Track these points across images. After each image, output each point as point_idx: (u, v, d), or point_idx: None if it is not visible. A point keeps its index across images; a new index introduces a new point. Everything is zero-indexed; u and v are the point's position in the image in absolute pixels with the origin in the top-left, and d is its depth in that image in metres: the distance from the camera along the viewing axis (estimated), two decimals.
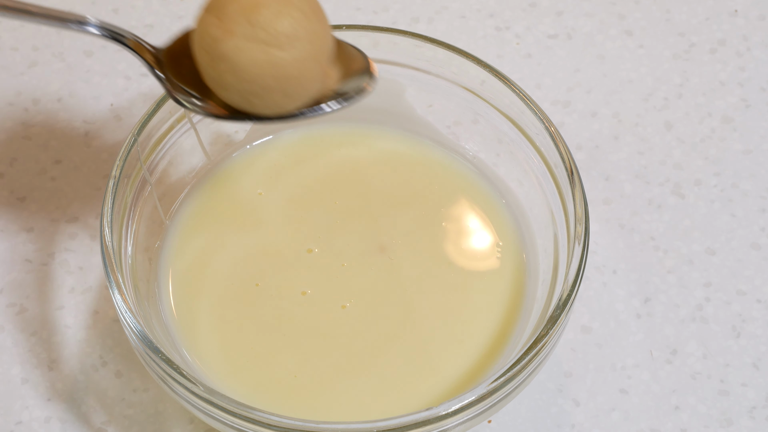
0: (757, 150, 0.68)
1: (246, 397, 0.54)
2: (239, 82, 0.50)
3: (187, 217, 0.61)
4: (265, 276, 0.59)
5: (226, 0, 0.50)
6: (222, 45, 0.49)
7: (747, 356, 0.61)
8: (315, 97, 0.52)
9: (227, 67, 0.50)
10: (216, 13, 0.50)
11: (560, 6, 0.74)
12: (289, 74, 0.50)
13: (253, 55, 0.49)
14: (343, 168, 0.63)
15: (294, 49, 0.50)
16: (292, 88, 0.51)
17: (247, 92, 0.51)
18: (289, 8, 0.50)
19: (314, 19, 0.51)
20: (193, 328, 0.57)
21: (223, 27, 0.49)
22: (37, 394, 0.59)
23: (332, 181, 0.62)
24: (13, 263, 0.63)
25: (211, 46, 0.50)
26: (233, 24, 0.49)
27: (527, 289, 0.59)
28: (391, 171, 0.63)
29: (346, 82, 0.54)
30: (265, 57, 0.49)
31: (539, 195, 0.59)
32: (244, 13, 0.49)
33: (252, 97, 0.51)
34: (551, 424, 0.59)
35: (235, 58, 0.49)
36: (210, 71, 0.51)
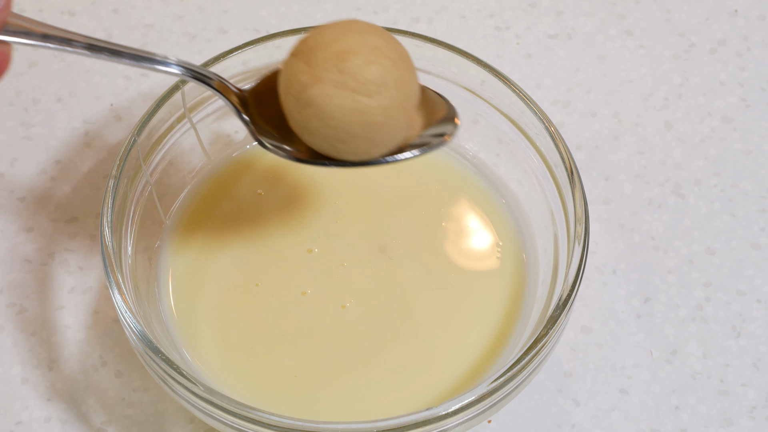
0: (757, 150, 0.68)
1: (246, 397, 0.54)
2: (326, 128, 0.50)
3: (187, 217, 0.61)
4: (265, 276, 0.59)
5: (315, 46, 0.50)
6: (310, 91, 0.50)
7: (747, 356, 0.61)
8: (399, 144, 0.52)
9: (315, 113, 0.50)
10: (305, 59, 0.50)
11: (560, 6, 0.74)
12: (376, 121, 0.50)
13: (341, 102, 0.49)
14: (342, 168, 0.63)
15: (382, 97, 0.50)
16: (379, 135, 0.51)
17: (333, 138, 0.51)
18: (377, 56, 0.50)
19: (402, 67, 0.51)
20: (193, 328, 0.57)
21: (312, 73, 0.50)
22: (37, 394, 0.59)
23: (332, 181, 0.62)
24: (13, 263, 0.63)
25: (299, 92, 0.50)
26: (322, 70, 0.49)
27: (527, 289, 0.59)
28: (391, 171, 0.63)
29: (428, 128, 0.53)
30: (353, 104, 0.50)
31: (539, 195, 0.59)
32: (334, 60, 0.49)
33: (338, 143, 0.51)
34: (551, 424, 0.59)
35: (323, 105, 0.50)
36: (296, 116, 0.51)
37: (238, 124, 0.64)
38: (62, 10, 0.72)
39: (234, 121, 0.63)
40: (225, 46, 0.67)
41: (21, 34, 0.45)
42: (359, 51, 0.50)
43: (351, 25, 0.51)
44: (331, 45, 0.50)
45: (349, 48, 0.49)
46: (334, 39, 0.50)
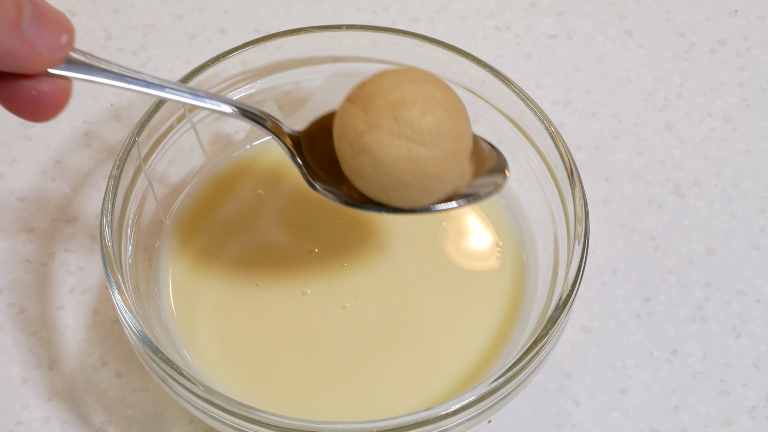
0: (757, 150, 0.68)
1: (246, 397, 0.54)
2: (379, 176, 0.50)
3: (187, 217, 0.61)
4: (265, 276, 0.59)
5: (372, 93, 0.50)
6: (366, 138, 0.50)
7: (747, 356, 0.61)
8: (449, 193, 0.53)
9: (369, 160, 0.50)
10: (362, 106, 0.50)
11: (560, 6, 0.74)
12: (430, 171, 0.50)
13: (396, 151, 0.50)
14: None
15: (436, 147, 0.50)
16: (431, 184, 0.51)
17: (386, 186, 0.51)
18: (434, 106, 0.50)
19: (457, 118, 0.51)
20: (193, 328, 0.57)
21: (369, 121, 0.50)
22: (37, 394, 0.59)
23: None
24: (13, 263, 0.63)
25: (354, 139, 0.50)
26: (379, 119, 0.50)
27: (527, 289, 0.59)
28: None
29: (478, 177, 0.54)
30: (408, 153, 0.50)
31: (539, 195, 0.59)
32: (391, 108, 0.50)
33: (390, 191, 0.51)
34: (551, 424, 0.59)
35: (378, 153, 0.50)
36: (350, 162, 0.51)
37: (238, 125, 0.64)
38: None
39: (234, 121, 0.63)
40: (225, 46, 0.67)
41: (82, 69, 0.45)
42: (416, 100, 0.50)
43: (409, 73, 0.51)
44: (388, 93, 0.50)
45: (406, 97, 0.50)
46: (391, 87, 0.50)
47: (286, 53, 0.61)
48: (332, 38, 0.61)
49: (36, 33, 0.41)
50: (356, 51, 0.62)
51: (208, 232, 0.60)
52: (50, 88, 0.42)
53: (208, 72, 0.59)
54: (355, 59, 0.62)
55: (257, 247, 0.60)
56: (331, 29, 0.61)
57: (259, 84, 0.62)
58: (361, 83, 0.52)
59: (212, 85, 0.60)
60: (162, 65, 0.70)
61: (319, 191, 0.53)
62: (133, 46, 0.71)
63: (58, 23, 0.41)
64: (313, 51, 0.62)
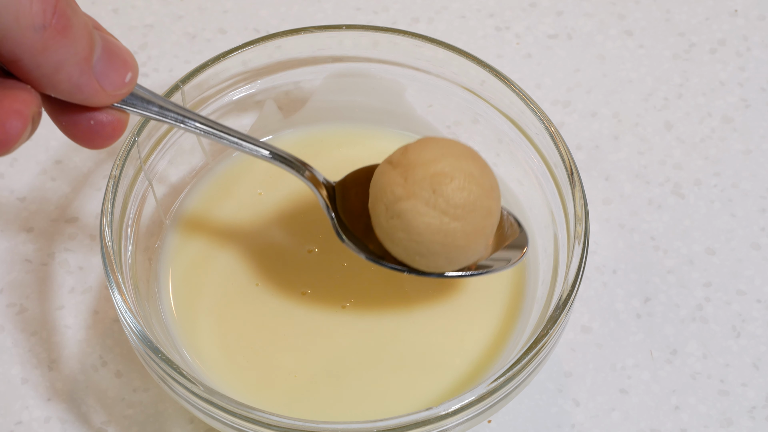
0: (757, 150, 0.68)
1: (246, 397, 0.54)
2: (409, 241, 0.53)
3: (187, 217, 0.61)
4: (265, 276, 0.59)
5: (414, 162, 0.52)
6: (403, 204, 0.52)
7: (747, 356, 0.61)
8: (469, 264, 0.55)
9: (402, 225, 0.52)
10: (402, 173, 0.52)
11: (560, 6, 0.74)
12: (458, 244, 0.53)
13: (429, 221, 0.52)
14: (343, 168, 0.63)
15: (467, 223, 0.52)
16: (457, 256, 0.53)
17: (414, 251, 0.53)
18: (471, 183, 0.52)
19: (491, 197, 0.53)
20: (193, 328, 0.57)
21: (407, 188, 0.52)
22: (37, 394, 0.59)
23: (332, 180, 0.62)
24: (13, 263, 0.63)
25: (391, 202, 0.52)
26: (418, 188, 0.52)
27: (527, 289, 0.59)
28: None
29: (498, 250, 0.56)
30: (440, 224, 0.52)
31: (539, 195, 0.59)
32: (431, 180, 0.52)
33: (417, 256, 0.53)
34: (551, 424, 0.59)
35: (412, 219, 0.52)
36: (383, 223, 0.53)
37: (238, 124, 0.64)
38: None
39: (234, 121, 0.63)
40: (225, 46, 0.67)
41: (140, 104, 0.47)
42: (455, 175, 0.52)
43: (451, 147, 0.53)
44: (430, 165, 0.52)
45: (446, 171, 0.52)
46: (433, 160, 0.52)
47: (286, 53, 0.61)
48: (332, 38, 0.61)
49: (104, 70, 0.42)
50: (356, 51, 0.62)
51: (208, 232, 0.60)
52: (108, 119, 0.43)
53: (208, 72, 0.59)
54: (355, 59, 0.62)
55: (257, 247, 0.60)
56: (331, 29, 0.61)
57: (259, 84, 0.62)
58: (404, 148, 0.53)
59: (212, 85, 0.60)
60: (162, 65, 0.70)
61: (345, 243, 0.55)
62: (133, 46, 0.71)
63: (124, 62, 0.43)
64: (313, 51, 0.62)
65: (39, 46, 0.39)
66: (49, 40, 0.39)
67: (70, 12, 0.40)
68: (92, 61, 0.41)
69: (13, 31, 0.38)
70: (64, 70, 0.40)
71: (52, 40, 0.39)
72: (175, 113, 0.49)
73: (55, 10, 0.39)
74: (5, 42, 0.39)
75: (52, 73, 0.40)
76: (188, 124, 0.50)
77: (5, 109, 0.40)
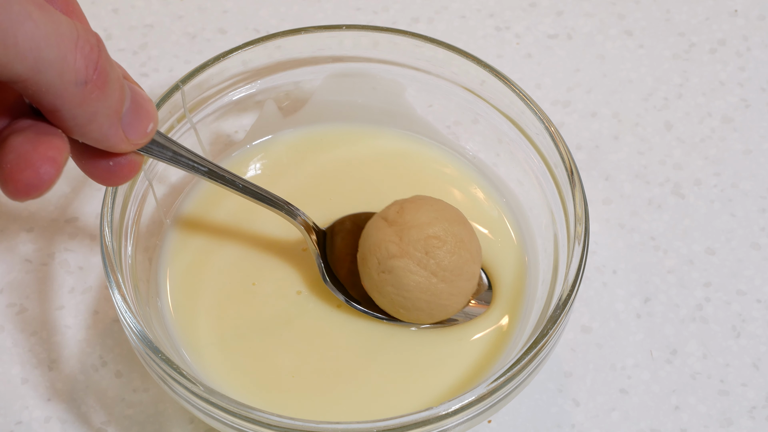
0: (757, 150, 0.68)
1: (246, 397, 0.54)
2: (396, 296, 0.56)
3: (187, 217, 0.61)
4: (261, 275, 0.59)
5: (409, 222, 0.56)
6: (395, 262, 0.55)
7: (747, 356, 0.61)
8: None
9: (392, 280, 0.56)
10: (398, 232, 0.56)
11: (560, 6, 0.74)
12: (442, 303, 0.56)
13: (419, 279, 0.55)
14: (342, 167, 0.63)
15: (453, 285, 0.56)
16: (438, 312, 0.56)
17: (398, 304, 0.56)
18: (461, 249, 0.56)
19: (477, 262, 0.57)
20: (193, 328, 0.57)
21: (402, 247, 0.55)
22: (37, 394, 0.59)
23: (331, 180, 0.62)
24: (13, 263, 0.63)
25: (384, 258, 0.55)
26: (412, 248, 0.55)
27: (527, 289, 0.59)
28: (391, 170, 0.63)
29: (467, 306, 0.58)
30: (428, 284, 0.55)
31: (539, 195, 0.59)
32: (425, 242, 0.55)
33: (401, 308, 0.56)
34: (551, 424, 0.59)
35: (402, 276, 0.55)
36: (374, 275, 0.56)
37: (238, 124, 0.64)
38: None
39: (234, 121, 0.63)
40: (225, 46, 0.67)
41: (156, 150, 0.49)
42: (447, 239, 0.55)
43: (445, 211, 0.56)
44: (424, 228, 0.55)
45: (439, 235, 0.55)
46: (428, 223, 0.55)
47: (286, 53, 0.61)
48: (332, 38, 0.61)
49: (130, 122, 0.44)
50: (356, 51, 0.62)
51: (208, 232, 0.60)
52: (126, 162, 0.45)
53: (208, 72, 0.59)
54: (355, 59, 0.62)
55: (257, 247, 0.60)
56: (331, 29, 0.61)
57: (259, 84, 0.62)
58: (399, 206, 0.57)
59: (212, 85, 0.60)
60: (162, 65, 0.70)
61: (329, 286, 0.58)
62: (133, 46, 0.71)
63: (148, 113, 0.45)
64: (313, 51, 0.62)
65: (78, 99, 0.41)
66: (88, 94, 0.41)
67: (108, 67, 0.42)
68: (122, 113, 0.43)
69: (56, 85, 0.40)
70: (97, 121, 0.42)
71: (91, 95, 0.41)
72: (187, 158, 0.51)
73: (97, 66, 0.41)
74: (47, 95, 0.40)
75: (85, 123, 0.42)
76: (198, 170, 0.52)
77: (40, 155, 0.41)
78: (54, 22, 0.40)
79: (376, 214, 0.57)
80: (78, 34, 0.40)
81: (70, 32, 0.40)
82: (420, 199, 0.57)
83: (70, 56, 0.40)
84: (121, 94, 0.43)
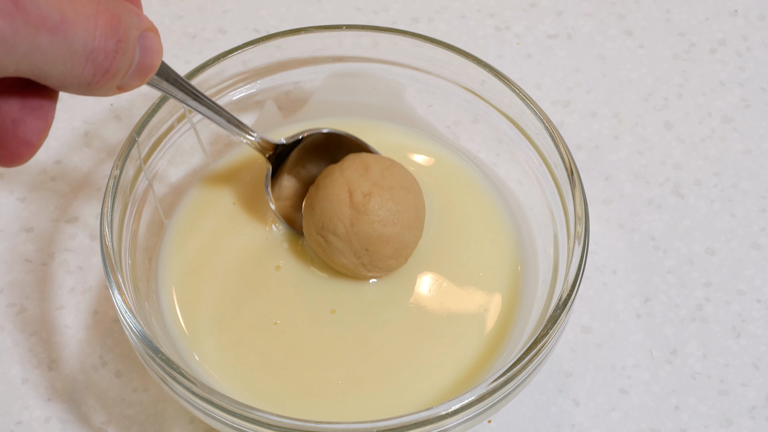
0: (757, 150, 0.68)
1: (246, 397, 0.54)
2: (326, 258, 0.58)
3: (187, 217, 0.61)
4: (262, 275, 0.59)
5: (369, 217, 0.56)
6: (336, 241, 0.57)
7: (747, 356, 0.61)
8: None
9: (326, 248, 0.57)
10: (353, 217, 0.56)
11: (560, 6, 0.74)
12: (362, 274, 0.58)
13: (345, 261, 0.57)
14: None
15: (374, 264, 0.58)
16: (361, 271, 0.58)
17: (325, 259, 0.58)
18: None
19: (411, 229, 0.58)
20: (193, 328, 0.57)
21: (348, 235, 0.56)
22: (37, 394, 0.59)
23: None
24: (13, 263, 0.63)
25: (327, 231, 0.57)
26: (355, 240, 0.56)
27: (527, 289, 0.59)
28: None
29: None
30: (353, 267, 0.57)
31: (539, 195, 0.59)
32: (368, 242, 0.56)
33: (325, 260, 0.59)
34: (551, 424, 0.59)
35: (334, 252, 0.57)
36: (312, 233, 0.57)
37: None
38: None
39: None
40: (225, 46, 0.67)
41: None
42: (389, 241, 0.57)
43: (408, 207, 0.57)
44: (377, 228, 0.56)
45: (386, 237, 0.57)
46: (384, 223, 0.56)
47: (286, 53, 0.61)
48: (332, 38, 0.61)
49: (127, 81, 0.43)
50: (356, 51, 0.62)
51: (208, 232, 0.60)
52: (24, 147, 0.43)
53: (208, 72, 0.59)
54: (355, 59, 0.62)
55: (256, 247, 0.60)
56: (331, 29, 0.61)
57: (259, 84, 0.62)
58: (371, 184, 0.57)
59: (212, 85, 0.60)
60: None
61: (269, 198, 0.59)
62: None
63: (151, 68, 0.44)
64: (313, 51, 0.62)
65: (78, 91, 0.41)
66: (90, 89, 0.41)
67: (119, 64, 0.41)
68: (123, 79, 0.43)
69: (57, 85, 0.40)
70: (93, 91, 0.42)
71: (92, 89, 0.41)
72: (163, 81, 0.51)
73: (107, 72, 0.41)
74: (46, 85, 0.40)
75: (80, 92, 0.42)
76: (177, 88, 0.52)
77: (17, 139, 0.41)
78: (65, 41, 0.39)
79: (341, 172, 0.57)
80: (94, 44, 0.40)
81: (84, 46, 0.40)
82: (389, 174, 0.57)
83: (77, 69, 0.40)
84: (127, 69, 0.42)
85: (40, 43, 0.38)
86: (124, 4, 0.41)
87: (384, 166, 0.58)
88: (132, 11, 0.42)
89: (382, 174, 0.57)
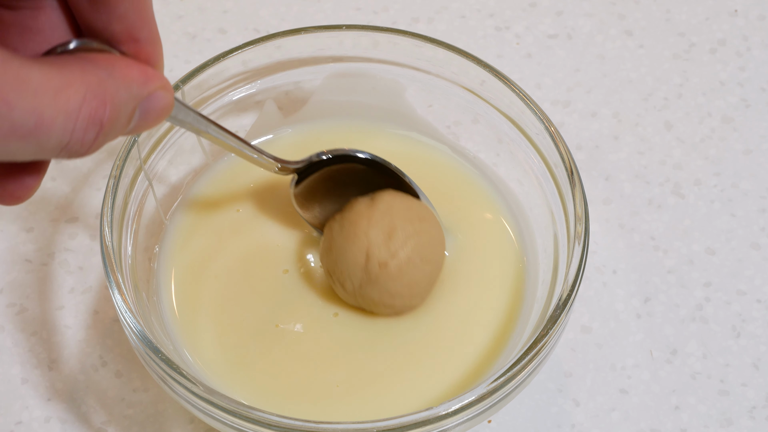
0: (757, 150, 0.68)
1: (246, 397, 0.54)
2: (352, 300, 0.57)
3: (187, 217, 0.61)
4: (262, 276, 0.59)
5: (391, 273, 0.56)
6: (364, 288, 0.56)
7: (747, 356, 0.61)
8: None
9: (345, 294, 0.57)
10: (370, 278, 0.56)
11: (560, 6, 0.74)
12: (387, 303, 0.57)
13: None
14: None
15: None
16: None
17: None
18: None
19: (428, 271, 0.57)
20: (193, 328, 0.57)
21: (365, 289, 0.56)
22: (37, 394, 0.59)
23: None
24: (13, 263, 0.63)
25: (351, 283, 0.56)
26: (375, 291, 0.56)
27: (527, 289, 0.59)
28: None
29: None
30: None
31: (539, 195, 0.59)
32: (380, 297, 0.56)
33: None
34: (551, 424, 0.59)
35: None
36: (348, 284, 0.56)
37: (238, 124, 0.64)
38: None
39: (234, 121, 0.63)
40: (225, 46, 0.67)
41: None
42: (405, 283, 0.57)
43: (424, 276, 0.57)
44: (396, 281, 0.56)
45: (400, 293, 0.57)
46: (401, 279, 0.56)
47: (286, 53, 0.61)
48: (332, 38, 0.61)
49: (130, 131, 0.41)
50: (356, 51, 0.62)
51: (208, 232, 0.60)
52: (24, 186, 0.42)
53: (208, 72, 0.59)
54: (355, 59, 0.62)
55: (256, 247, 0.60)
56: (331, 29, 0.61)
57: (259, 84, 0.62)
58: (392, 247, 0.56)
59: (212, 85, 0.60)
60: None
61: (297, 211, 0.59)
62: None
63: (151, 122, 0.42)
64: (313, 51, 0.62)
65: (60, 156, 0.38)
66: (71, 153, 0.38)
67: (111, 128, 0.39)
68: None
69: (36, 154, 0.37)
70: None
71: (73, 152, 0.38)
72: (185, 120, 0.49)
73: (95, 140, 0.38)
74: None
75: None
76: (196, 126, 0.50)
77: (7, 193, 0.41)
78: (37, 144, 0.36)
79: (366, 228, 0.56)
80: (70, 139, 0.37)
81: (58, 143, 0.37)
82: (413, 244, 0.56)
83: (51, 155, 0.37)
84: (117, 135, 0.40)
85: (9, 147, 0.36)
86: (125, 75, 0.39)
87: (410, 233, 0.56)
88: (132, 82, 0.40)
89: (404, 242, 0.55)
